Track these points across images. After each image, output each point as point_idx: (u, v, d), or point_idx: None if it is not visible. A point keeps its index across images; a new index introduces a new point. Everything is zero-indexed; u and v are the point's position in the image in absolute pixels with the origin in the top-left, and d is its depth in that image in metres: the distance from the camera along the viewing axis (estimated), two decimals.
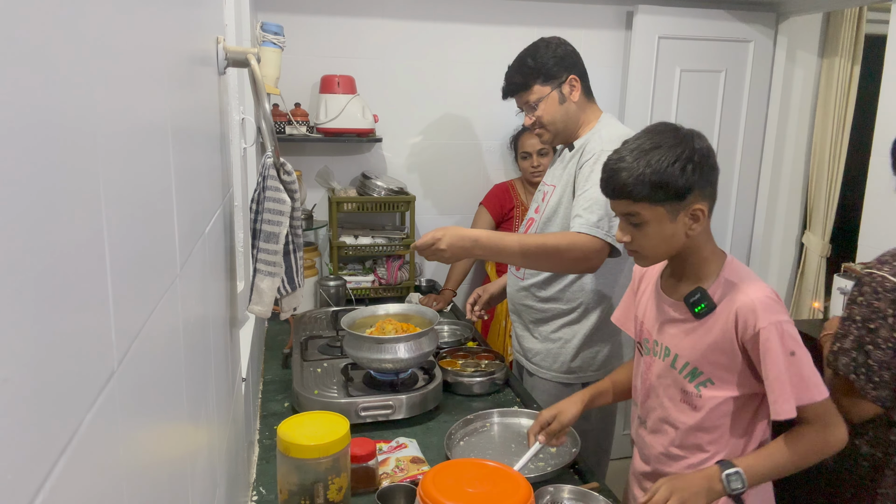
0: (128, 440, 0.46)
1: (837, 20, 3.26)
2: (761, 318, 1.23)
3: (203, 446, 0.79)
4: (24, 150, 0.31)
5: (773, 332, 1.22)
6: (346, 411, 1.55)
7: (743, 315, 1.25)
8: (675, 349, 1.36)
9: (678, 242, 1.29)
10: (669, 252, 1.32)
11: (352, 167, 3.01)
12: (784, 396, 1.22)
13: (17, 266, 0.30)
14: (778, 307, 1.25)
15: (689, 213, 1.26)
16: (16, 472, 0.29)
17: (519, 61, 1.87)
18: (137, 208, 0.51)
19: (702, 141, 1.27)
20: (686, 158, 1.23)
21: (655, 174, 1.23)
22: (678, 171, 1.23)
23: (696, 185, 1.24)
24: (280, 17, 2.69)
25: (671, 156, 1.23)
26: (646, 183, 1.24)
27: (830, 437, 1.25)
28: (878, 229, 2.62)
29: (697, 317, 1.31)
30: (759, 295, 1.25)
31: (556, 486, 1.31)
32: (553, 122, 1.85)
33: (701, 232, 1.30)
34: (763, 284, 1.29)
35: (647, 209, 1.26)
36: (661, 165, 1.23)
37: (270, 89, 2.15)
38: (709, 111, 3.23)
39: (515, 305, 2.02)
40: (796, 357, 1.22)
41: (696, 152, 1.24)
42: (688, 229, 1.28)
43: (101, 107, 0.42)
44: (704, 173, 1.25)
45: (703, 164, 1.25)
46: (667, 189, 1.24)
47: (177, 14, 0.71)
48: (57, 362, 0.35)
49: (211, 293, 0.92)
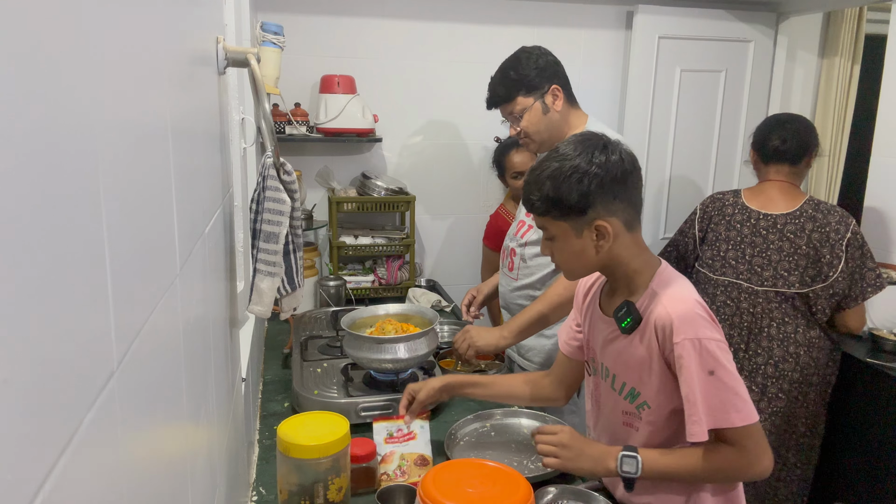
0: (128, 440, 0.46)
1: (837, 20, 3.26)
2: (677, 331, 1.15)
3: (203, 446, 0.79)
4: (25, 150, 0.31)
5: (689, 348, 1.14)
6: (346, 411, 1.55)
7: (661, 328, 1.18)
8: (612, 369, 1.30)
9: (590, 258, 1.24)
10: (586, 267, 1.27)
11: (352, 167, 3.01)
12: (695, 418, 1.14)
13: (17, 266, 0.30)
14: (700, 321, 1.16)
15: (593, 228, 1.20)
16: (16, 472, 0.29)
17: (501, 73, 1.89)
18: (137, 208, 0.51)
19: (608, 152, 1.19)
20: (582, 172, 1.17)
21: (552, 189, 1.19)
22: (573, 185, 1.17)
23: (595, 199, 1.18)
24: (280, 17, 2.69)
25: (567, 169, 1.18)
26: (544, 199, 1.20)
27: (748, 464, 1.17)
28: (878, 229, 2.62)
29: (624, 331, 1.24)
30: (678, 307, 1.17)
31: (557, 486, 1.31)
32: (538, 132, 1.88)
33: (621, 246, 1.22)
34: (688, 295, 1.19)
35: (552, 224, 1.23)
36: (557, 180, 1.19)
37: (270, 89, 2.15)
38: (709, 111, 3.23)
39: (508, 304, 2.04)
40: (715, 377, 1.13)
41: (594, 165, 1.17)
42: (596, 245, 1.22)
43: (101, 107, 0.42)
44: (605, 187, 1.18)
45: (604, 178, 1.17)
46: (561, 205, 1.19)
47: (177, 14, 0.71)
48: (57, 362, 0.35)
49: (211, 293, 0.92)
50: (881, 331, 2.30)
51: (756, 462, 1.16)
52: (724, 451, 1.18)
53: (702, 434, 1.14)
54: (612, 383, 1.30)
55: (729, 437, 1.16)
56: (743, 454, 1.17)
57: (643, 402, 1.25)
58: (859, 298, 2.10)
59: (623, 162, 1.20)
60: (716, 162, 3.29)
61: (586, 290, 1.42)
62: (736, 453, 1.17)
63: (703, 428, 1.14)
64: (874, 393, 2.19)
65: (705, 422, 1.13)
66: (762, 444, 1.17)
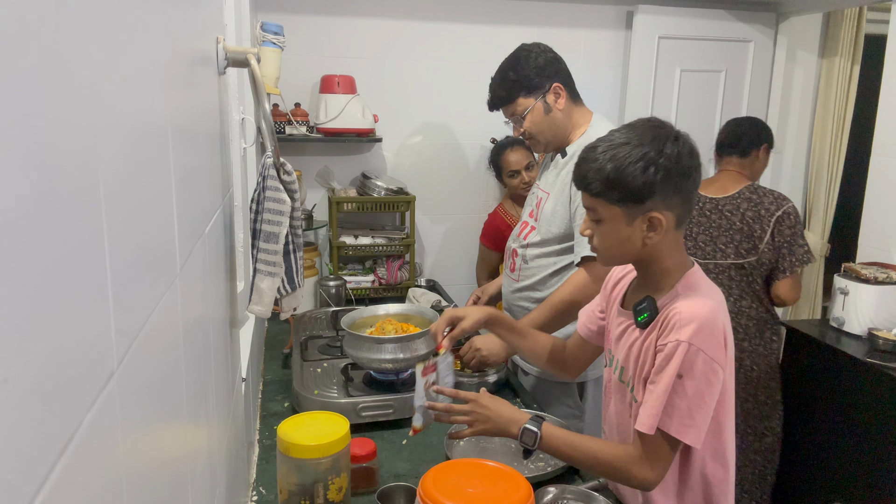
0: (128, 440, 0.46)
1: (837, 20, 3.26)
2: (676, 332, 1.13)
3: (203, 446, 0.79)
4: (25, 150, 0.31)
5: (678, 350, 1.12)
6: (346, 411, 1.55)
7: (670, 322, 1.16)
8: (622, 362, 1.30)
9: (634, 248, 1.20)
10: (625, 256, 1.24)
11: (352, 167, 3.01)
12: (651, 412, 1.14)
13: (17, 266, 0.30)
14: (703, 332, 1.12)
15: (647, 219, 1.17)
16: (16, 472, 0.29)
17: (501, 73, 1.86)
18: (137, 208, 0.51)
19: (679, 145, 1.16)
20: (650, 160, 1.13)
21: (614, 171, 1.15)
22: (638, 172, 1.13)
23: (658, 190, 1.14)
24: (280, 17, 2.69)
25: (636, 154, 1.14)
26: (602, 180, 1.16)
27: (639, 470, 1.16)
28: (878, 229, 2.62)
29: (640, 325, 1.23)
30: (696, 309, 1.14)
31: (557, 486, 1.31)
32: (541, 132, 1.85)
33: (664, 242, 1.20)
34: (709, 306, 1.16)
35: (604, 207, 1.19)
36: (622, 163, 1.14)
37: (270, 89, 2.15)
38: (709, 111, 3.23)
39: (510, 305, 2.03)
40: (680, 382, 1.12)
41: (664, 155, 1.13)
42: (644, 237, 1.18)
43: (101, 107, 0.42)
44: (671, 180, 1.14)
45: (671, 171, 1.14)
46: (621, 189, 1.15)
47: (177, 14, 0.71)
48: (57, 362, 0.35)
49: (211, 293, 0.92)
50: (881, 331, 2.30)
51: (648, 472, 1.16)
52: (621, 450, 1.19)
53: (650, 427, 1.14)
54: (621, 376, 1.30)
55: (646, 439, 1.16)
56: (639, 460, 1.16)
57: (635, 395, 1.25)
58: (787, 271, 2.35)
59: (691, 157, 1.18)
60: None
61: (616, 280, 1.40)
62: (631, 456, 1.17)
63: (653, 422, 1.13)
64: (874, 393, 2.19)
65: (657, 417, 1.13)
66: (662, 460, 1.16)
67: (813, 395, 2.47)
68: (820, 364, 2.43)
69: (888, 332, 2.29)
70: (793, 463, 2.58)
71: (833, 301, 2.48)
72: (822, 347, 2.41)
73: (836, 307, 2.45)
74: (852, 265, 2.45)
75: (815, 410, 2.47)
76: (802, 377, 2.53)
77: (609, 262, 1.29)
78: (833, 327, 2.46)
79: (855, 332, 2.39)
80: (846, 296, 2.40)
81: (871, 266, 2.44)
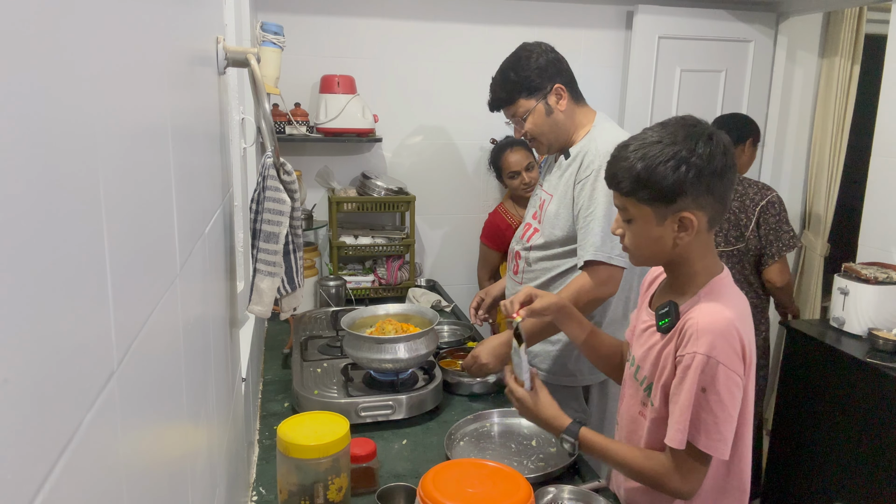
0: (128, 440, 0.46)
1: (837, 20, 3.26)
2: (694, 343, 1.13)
3: (203, 446, 0.79)
4: (25, 150, 0.31)
5: (697, 362, 1.12)
6: (346, 411, 1.55)
7: (688, 332, 1.15)
8: (638, 360, 1.30)
9: (665, 248, 1.20)
10: (656, 256, 1.23)
11: (352, 167, 3.01)
12: (679, 426, 1.14)
13: (17, 266, 0.30)
14: (724, 344, 1.12)
15: (678, 219, 1.16)
16: (16, 472, 0.29)
17: (501, 74, 1.84)
18: (137, 208, 0.51)
19: (713, 145, 1.14)
20: (681, 159, 1.12)
21: (644, 170, 1.14)
22: (669, 172, 1.12)
23: (689, 190, 1.13)
24: (280, 17, 2.69)
25: (667, 154, 1.13)
26: (633, 179, 1.15)
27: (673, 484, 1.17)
28: (878, 229, 2.62)
29: (660, 330, 1.23)
30: (712, 321, 1.13)
31: (557, 486, 1.31)
32: (543, 133, 1.83)
33: (695, 243, 1.19)
34: (729, 314, 1.15)
35: (634, 206, 1.18)
36: (652, 162, 1.13)
37: (270, 89, 2.15)
38: (709, 111, 3.23)
39: None
40: (704, 396, 1.12)
41: (696, 154, 1.12)
42: (676, 237, 1.18)
43: (101, 107, 0.42)
44: (703, 179, 1.13)
45: (703, 170, 1.12)
46: (652, 188, 1.14)
47: (177, 14, 0.71)
48: (57, 362, 0.35)
49: (211, 293, 0.92)
50: (881, 331, 2.30)
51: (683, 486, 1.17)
52: (660, 460, 1.19)
53: (680, 441, 1.14)
54: (636, 373, 1.31)
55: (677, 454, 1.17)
56: (675, 473, 1.17)
57: (652, 399, 1.26)
58: (775, 256, 2.54)
59: (725, 156, 1.15)
60: None
61: (652, 280, 1.41)
62: (667, 467, 1.18)
63: (683, 437, 1.14)
64: (874, 393, 2.19)
65: (685, 432, 1.14)
66: (695, 473, 1.17)
67: (813, 395, 2.47)
68: (820, 364, 2.43)
69: (888, 332, 2.29)
70: (793, 463, 2.58)
71: (833, 301, 2.48)
72: (822, 347, 2.41)
73: (836, 307, 2.45)
74: (852, 265, 2.45)
75: (815, 410, 2.47)
76: (802, 377, 2.53)
77: (640, 262, 1.28)
78: (833, 327, 2.46)
79: (855, 332, 2.39)
80: (846, 296, 2.40)
81: (871, 266, 2.44)
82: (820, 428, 2.44)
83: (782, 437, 2.65)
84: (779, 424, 2.67)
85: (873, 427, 2.20)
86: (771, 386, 3.21)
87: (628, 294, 1.91)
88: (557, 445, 1.51)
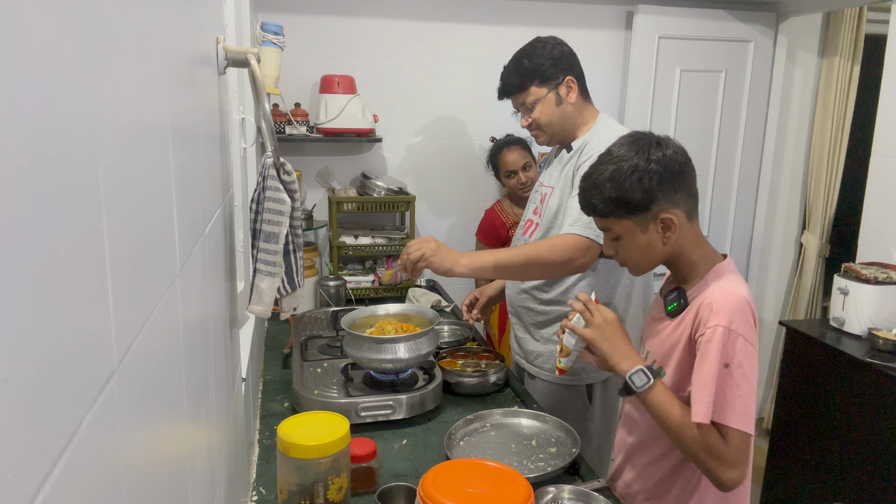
0: (128, 440, 0.46)
1: (837, 20, 3.26)
2: (716, 317, 1.18)
3: (203, 446, 0.79)
4: (24, 150, 0.31)
5: (718, 335, 1.17)
6: (346, 411, 1.55)
7: (703, 310, 1.22)
8: (648, 346, 1.37)
9: (657, 251, 1.29)
10: (652, 260, 1.31)
11: (352, 167, 3.01)
12: (704, 399, 1.16)
13: (18, 266, 0.30)
14: (740, 316, 1.18)
15: (659, 221, 1.25)
16: (16, 472, 0.29)
17: (515, 62, 1.85)
18: (137, 208, 0.51)
19: (662, 148, 1.24)
20: (642, 170, 1.22)
21: (613, 190, 1.24)
22: (635, 184, 1.22)
23: (658, 194, 1.23)
24: (280, 17, 2.69)
25: (626, 169, 1.23)
26: (605, 200, 1.26)
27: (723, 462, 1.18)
28: (878, 229, 2.62)
29: (669, 315, 1.31)
30: (726, 297, 1.20)
31: (557, 486, 1.31)
32: (550, 123, 1.84)
33: (684, 237, 1.27)
34: (739, 290, 1.22)
35: (616, 224, 1.28)
36: (617, 181, 1.23)
37: (270, 89, 2.15)
38: (709, 111, 3.23)
39: (515, 308, 2.01)
40: (728, 371, 1.16)
41: (652, 162, 1.22)
42: (662, 238, 1.27)
43: (101, 107, 0.42)
44: (666, 181, 1.23)
45: (664, 173, 1.23)
46: (626, 203, 1.24)
47: (177, 14, 0.71)
48: (57, 362, 0.34)
49: (211, 293, 0.92)
50: (881, 331, 2.30)
51: (730, 466, 1.18)
52: (715, 436, 1.19)
53: (706, 415, 1.16)
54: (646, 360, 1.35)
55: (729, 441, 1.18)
56: (724, 458, 1.18)
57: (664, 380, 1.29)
58: None
59: (677, 154, 1.26)
60: (715, 162, 3.29)
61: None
62: (723, 446, 1.19)
63: (708, 410, 1.16)
64: (874, 393, 2.19)
65: (712, 405, 1.16)
66: (744, 455, 1.18)
67: (813, 395, 2.47)
68: (820, 364, 2.43)
69: (888, 332, 2.29)
70: (793, 463, 2.58)
71: (833, 301, 2.47)
72: (822, 347, 2.41)
73: (836, 307, 2.45)
74: (852, 265, 2.45)
75: (815, 410, 2.47)
76: (802, 377, 2.53)
77: (639, 270, 1.35)
78: (833, 327, 2.46)
79: (855, 332, 2.39)
80: (846, 296, 2.40)
81: (871, 266, 2.44)
82: (820, 428, 2.44)
83: (782, 436, 2.64)
84: (778, 424, 2.67)
85: (873, 427, 2.20)
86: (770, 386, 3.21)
87: (629, 291, 1.91)
88: (558, 445, 1.51)
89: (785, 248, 3.57)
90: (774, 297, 3.60)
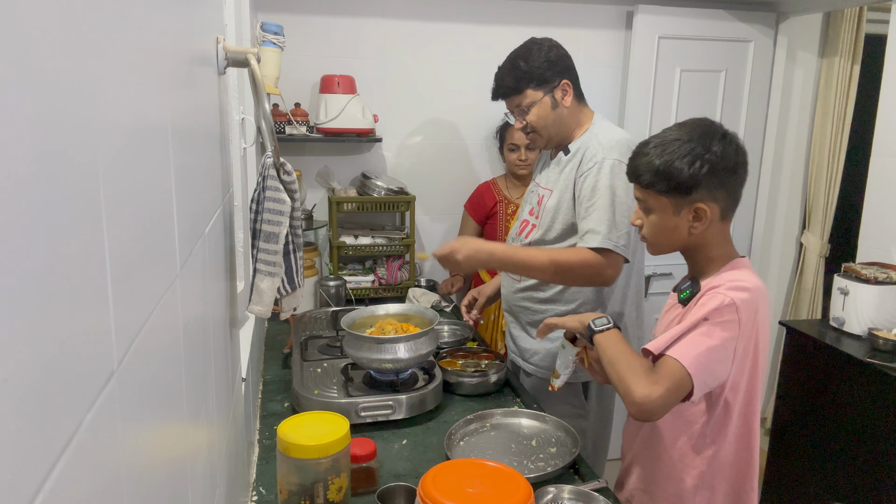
0: (128, 440, 0.46)
1: (837, 20, 3.26)
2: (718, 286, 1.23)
3: (203, 446, 0.79)
4: (25, 150, 0.31)
5: (715, 298, 1.21)
6: (346, 411, 1.55)
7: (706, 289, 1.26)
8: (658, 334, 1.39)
9: (680, 237, 1.31)
10: (672, 244, 1.33)
11: (352, 167, 3.01)
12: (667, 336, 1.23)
13: (17, 266, 0.30)
14: (746, 295, 1.22)
15: (693, 209, 1.27)
16: (16, 472, 0.29)
17: (510, 63, 1.83)
18: (137, 208, 0.51)
19: (726, 143, 1.26)
20: (697, 155, 1.24)
21: (663, 165, 1.25)
22: (685, 166, 1.24)
23: (703, 183, 1.25)
24: (280, 17, 2.69)
25: (684, 150, 1.25)
26: (652, 172, 1.27)
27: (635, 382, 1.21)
28: (878, 229, 2.62)
29: (681, 302, 1.34)
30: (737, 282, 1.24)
31: (557, 486, 1.31)
32: (545, 127, 1.83)
33: (710, 232, 1.30)
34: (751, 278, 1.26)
35: (653, 198, 1.30)
36: (671, 157, 1.25)
37: (270, 89, 2.15)
38: (709, 111, 3.23)
39: (511, 307, 2.02)
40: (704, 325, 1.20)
41: (710, 151, 1.24)
42: (690, 226, 1.29)
43: (101, 107, 0.42)
44: (717, 175, 1.25)
45: (717, 166, 1.24)
46: (669, 181, 1.26)
47: (177, 14, 0.71)
48: (57, 362, 0.34)
49: (211, 293, 0.92)
50: (881, 331, 2.30)
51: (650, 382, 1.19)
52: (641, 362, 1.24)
53: (658, 347, 1.22)
54: None
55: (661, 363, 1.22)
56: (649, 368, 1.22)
57: None
58: None
59: (737, 154, 1.28)
60: None
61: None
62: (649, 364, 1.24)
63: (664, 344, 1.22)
64: (874, 393, 2.19)
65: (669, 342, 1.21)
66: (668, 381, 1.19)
67: (813, 394, 2.47)
68: (820, 364, 2.43)
69: (888, 332, 2.29)
70: (792, 463, 2.58)
71: (833, 301, 2.47)
72: (822, 347, 2.41)
73: (836, 307, 2.45)
74: (852, 265, 2.45)
75: (814, 410, 2.47)
76: (802, 377, 2.53)
77: (658, 250, 1.37)
78: (833, 327, 2.46)
79: (855, 332, 2.39)
80: (846, 296, 2.40)
81: (871, 266, 2.44)
82: (820, 428, 2.44)
83: (782, 436, 2.64)
84: (778, 424, 2.67)
85: (873, 427, 2.20)
86: (771, 386, 3.21)
87: (625, 291, 1.91)
88: (558, 445, 1.51)
89: (785, 247, 3.57)
90: (774, 297, 3.60)
